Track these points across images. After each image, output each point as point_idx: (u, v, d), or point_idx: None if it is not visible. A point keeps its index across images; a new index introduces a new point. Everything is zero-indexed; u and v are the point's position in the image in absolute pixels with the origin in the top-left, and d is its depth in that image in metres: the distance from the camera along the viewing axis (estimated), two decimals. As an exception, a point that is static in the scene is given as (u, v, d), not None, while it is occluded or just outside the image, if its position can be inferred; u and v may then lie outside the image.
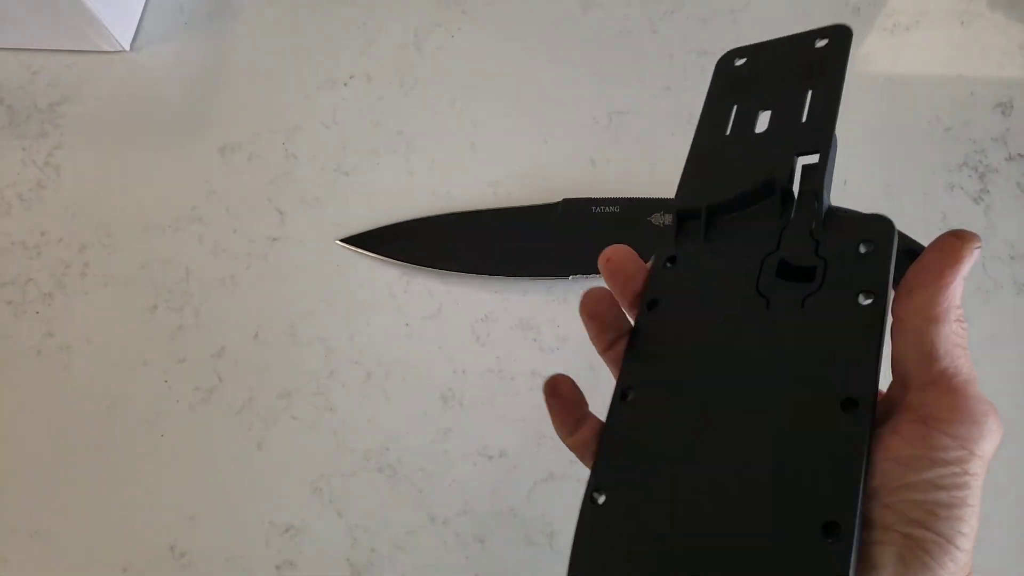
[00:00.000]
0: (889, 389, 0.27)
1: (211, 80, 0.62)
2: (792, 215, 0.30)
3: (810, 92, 0.32)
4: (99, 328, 0.53)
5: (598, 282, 0.32)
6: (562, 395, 0.31)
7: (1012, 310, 0.54)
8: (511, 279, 0.54)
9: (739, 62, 0.36)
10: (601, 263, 0.32)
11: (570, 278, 0.53)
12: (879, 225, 0.29)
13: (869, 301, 0.27)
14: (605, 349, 0.32)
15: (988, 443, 0.24)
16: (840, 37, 0.33)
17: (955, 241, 0.27)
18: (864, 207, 0.55)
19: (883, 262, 0.28)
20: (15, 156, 0.59)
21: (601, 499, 0.28)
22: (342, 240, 0.56)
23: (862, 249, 0.29)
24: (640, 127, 0.60)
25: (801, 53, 0.34)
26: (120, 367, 0.52)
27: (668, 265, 0.32)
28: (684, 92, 0.61)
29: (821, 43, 0.34)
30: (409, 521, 0.48)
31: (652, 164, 0.58)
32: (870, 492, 0.24)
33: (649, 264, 0.33)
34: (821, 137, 0.30)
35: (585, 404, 0.32)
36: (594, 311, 0.32)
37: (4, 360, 0.52)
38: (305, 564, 0.47)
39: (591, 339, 0.32)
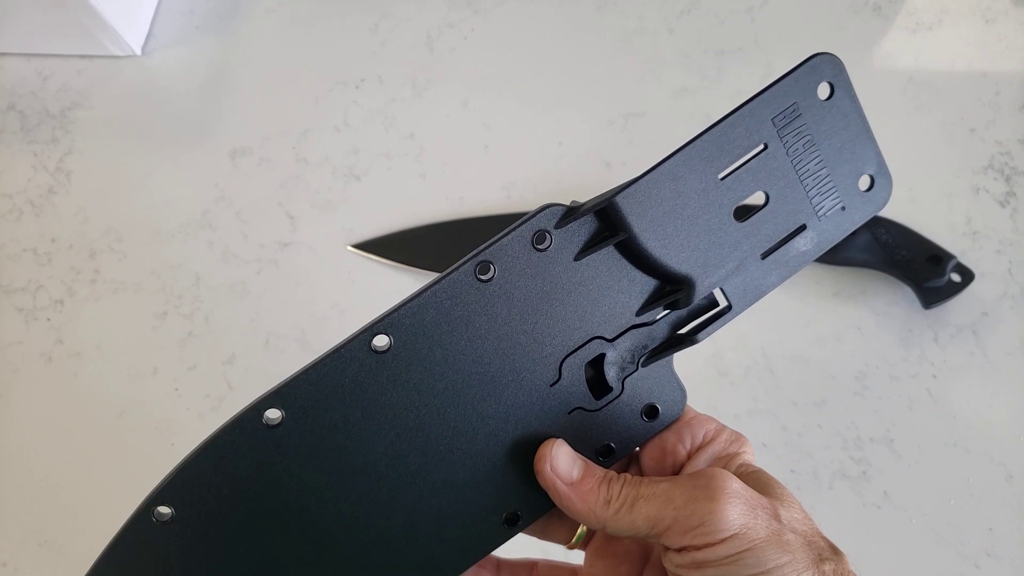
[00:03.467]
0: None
1: (221, 84, 0.61)
2: (650, 313, 0.29)
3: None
4: (109, 335, 0.53)
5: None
6: None
7: (1040, 316, 0.53)
8: (525, 285, 0.53)
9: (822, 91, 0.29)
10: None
11: (585, 283, 0.53)
12: (673, 401, 0.30)
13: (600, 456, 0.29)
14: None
15: (730, 515, 0.25)
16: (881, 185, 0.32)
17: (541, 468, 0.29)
18: (886, 210, 0.54)
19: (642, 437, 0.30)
20: (26, 161, 0.58)
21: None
22: (354, 246, 0.55)
23: (644, 419, 0.30)
24: (656, 129, 0.59)
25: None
26: (130, 374, 0.52)
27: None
28: (701, 93, 0.59)
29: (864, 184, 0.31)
30: (421, 532, 0.47)
31: (668, 167, 0.57)
32: None
33: None
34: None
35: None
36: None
37: (15, 367, 0.52)
38: (316, 575, 0.47)
39: None
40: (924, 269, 0.51)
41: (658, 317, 0.29)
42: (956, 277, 0.51)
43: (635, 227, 0.27)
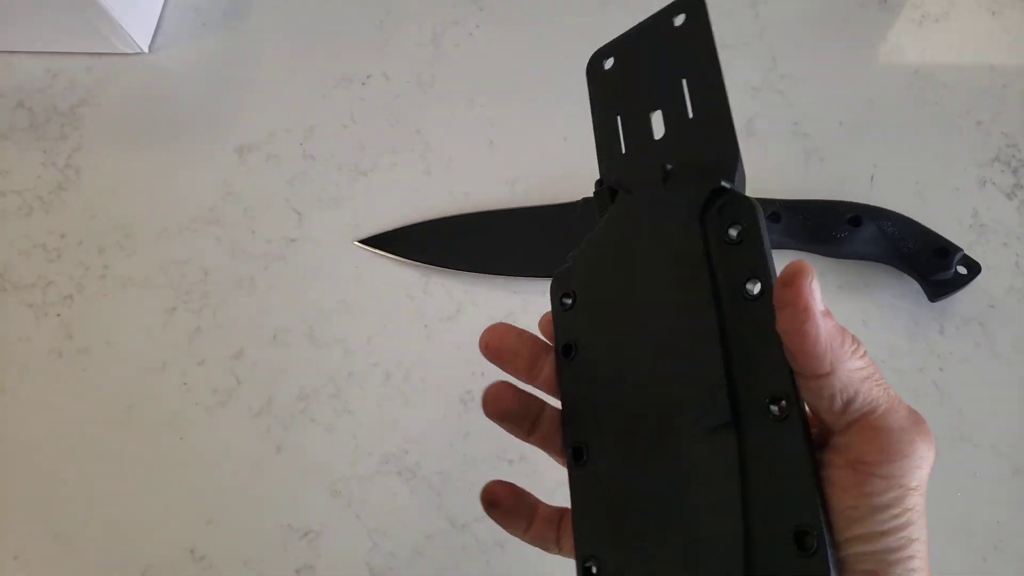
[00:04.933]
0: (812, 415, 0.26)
1: (228, 81, 0.61)
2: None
3: (684, 82, 0.30)
4: (118, 330, 0.53)
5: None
6: (501, 505, 0.31)
7: (1048, 308, 0.53)
8: (530, 279, 0.53)
9: (608, 64, 0.34)
10: (483, 350, 0.31)
11: (590, 278, 0.53)
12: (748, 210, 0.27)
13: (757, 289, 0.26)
14: (528, 436, 0.31)
15: (922, 471, 0.24)
16: (693, 10, 0.31)
17: (790, 290, 0.24)
18: (893, 203, 0.54)
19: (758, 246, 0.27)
20: (35, 158, 0.59)
21: (594, 568, 0.28)
22: (360, 241, 0.55)
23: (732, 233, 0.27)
24: (661, 123, 0.59)
25: (664, 38, 0.32)
26: (139, 369, 0.52)
27: (566, 302, 0.31)
28: (706, 87, 0.59)
29: (679, 20, 0.31)
30: (428, 525, 0.48)
31: (674, 161, 0.57)
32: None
33: (548, 317, 0.32)
34: (725, 145, 0.29)
35: (527, 496, 0.32)
36: (502, 411, 0.30)
37: (25, 362, 0.52)
38: (324, 568, 0.47)
39: (511, 434, 0.32)
40: (930, 262, 0.51)
41: None
42: (962, 270, 0.51)
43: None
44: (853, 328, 0.53)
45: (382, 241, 0.55)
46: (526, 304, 0.53)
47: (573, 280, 0.31)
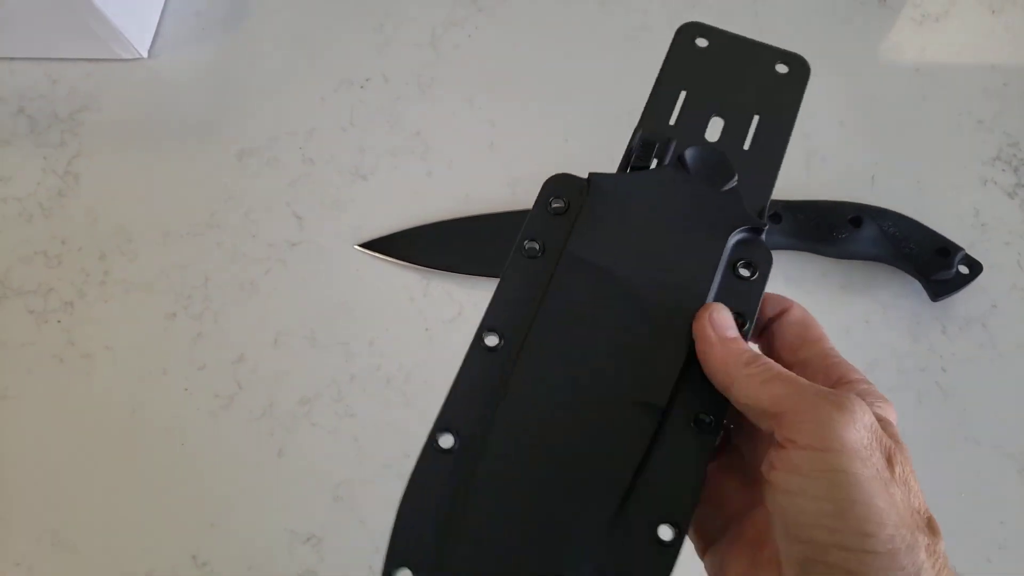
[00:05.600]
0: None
1: (228, 85, 0.61)
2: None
3: (757, 119, 0.32)
4: (119, 336, 0.53)
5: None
6: None
7: (1050, 307, 0.52)
8: (532, 281, 0.53)
9: (700, 42, 0.35)
10: None
11: (592, 280, 0.52)
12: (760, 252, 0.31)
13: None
14: None
15: (847, 431, 0.24)
16: (798, 71, 0.33)
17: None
18: (894, 203, 0.54)
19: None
20: (36, 165, 0.59)
21: (447, 443, 0.28)
22: (361, 244, 0.55)
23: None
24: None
25: (761, 67, 0.34)
26: (140, 375, 0.52)
27: (558, 207, 0.33)
28: (706, 88, 0.59)
29: (782, 69, 0.34)
30: (431, 528, 0.48)
31: (674, 162, 0.57)
32: (784, 534, 0.25)
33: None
34: (760, 195, 0.31)
35: None
36: None
37: (27, 368, 0.52)
38: (327, 573, 0.47)
39: None
40: (932, 261, 0.51)
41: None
42: (964, 269, 0.51)
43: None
44: (855, 328, 0.53)
45: (383, 244, 0.55)
46: (527, 306, 0.53)
47: (588, 190, 0.33)
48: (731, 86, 0.34)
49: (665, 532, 0.26)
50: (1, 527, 0.48)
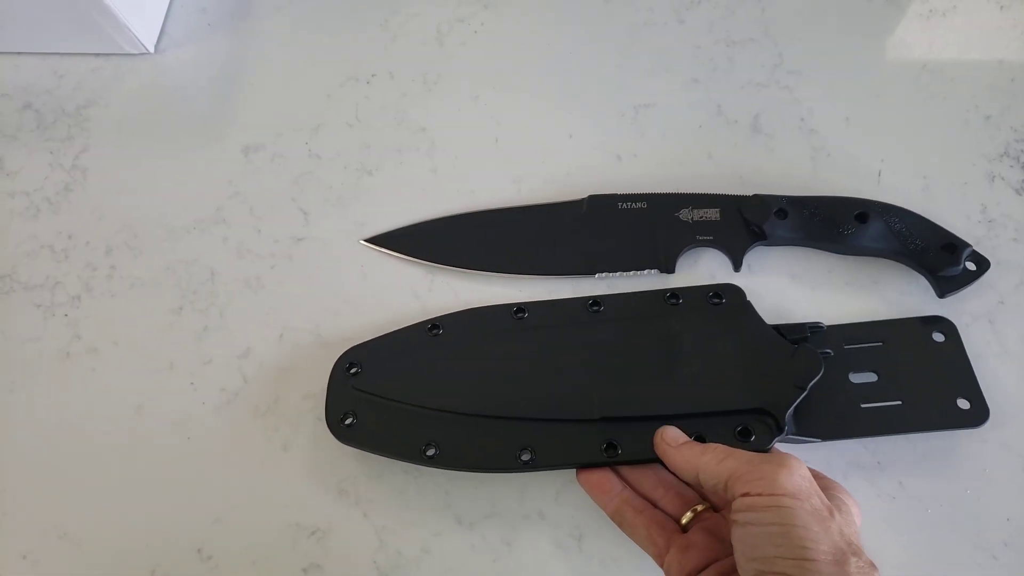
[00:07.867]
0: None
1: (234, 81, 0.61)
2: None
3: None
4: (126, 330, 0.53)
5: (624, 280, 0.32)
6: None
7: (1058, 304, 0.52)
8: (536, 278, 0.53)
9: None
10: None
11: (596, 276, 0.52)
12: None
13: None
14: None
15: (788, 480, 0.34)
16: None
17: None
18: (900, 199, 0.53)
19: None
20: (43, 159, 0.59)
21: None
22: (366, 240, 0.55)
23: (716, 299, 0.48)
24: (666, 120, 0.58)
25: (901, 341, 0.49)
26: (146, 369, 0.52)
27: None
28: (712, 84, 0.59)
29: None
30: (436, 523, 0.48)
31: (679, 158, 0.57)
32: None
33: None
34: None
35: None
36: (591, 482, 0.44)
37: (33, 363, 0.53)
38: (332, 566, 0.47)
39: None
40: (939, 258, 0.50)
41: None
42: (971, 266, 0.51)
43: None
44: (861, 324, 0.52)
45: (388, 240, 0.55)
46: (532, 302, 0.53)
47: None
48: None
49: None
50: (7, 520, 0.48)
